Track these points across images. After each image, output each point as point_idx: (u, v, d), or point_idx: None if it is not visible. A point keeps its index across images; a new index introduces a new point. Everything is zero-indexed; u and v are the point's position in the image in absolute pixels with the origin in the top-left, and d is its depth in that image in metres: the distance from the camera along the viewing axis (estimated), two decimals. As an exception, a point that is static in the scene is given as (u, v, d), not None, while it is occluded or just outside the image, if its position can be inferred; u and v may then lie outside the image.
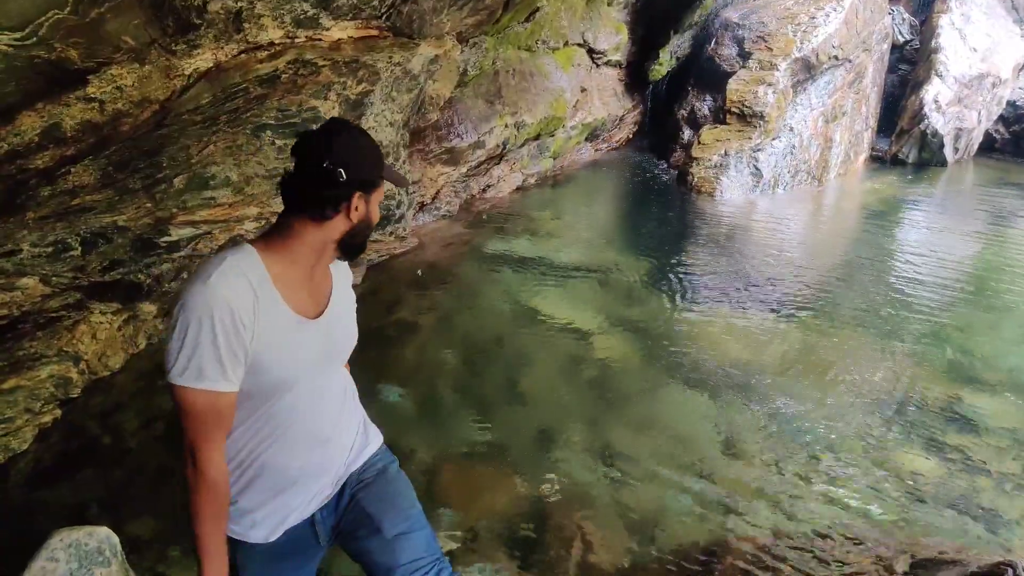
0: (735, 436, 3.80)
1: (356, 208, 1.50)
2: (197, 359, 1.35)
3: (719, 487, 3.42)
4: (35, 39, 2.65)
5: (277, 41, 3.48)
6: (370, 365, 4.20)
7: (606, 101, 8.71)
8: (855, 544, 3.02)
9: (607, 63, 8.71)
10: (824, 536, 3.08)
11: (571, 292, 5.48)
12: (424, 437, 3.65)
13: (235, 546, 1.62)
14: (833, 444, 3.75)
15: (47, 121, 2.94)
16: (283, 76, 3.40)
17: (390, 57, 3.87)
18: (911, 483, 3.47)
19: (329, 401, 1.64)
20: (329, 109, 3.60)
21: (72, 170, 3.10)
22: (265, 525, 1.61)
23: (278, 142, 3.42)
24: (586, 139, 8.77)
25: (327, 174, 1.43)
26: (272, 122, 3.38)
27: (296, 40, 3.57)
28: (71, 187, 3.10)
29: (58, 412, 3.47)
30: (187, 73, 3.23)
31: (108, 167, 3.14)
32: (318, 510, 1.67)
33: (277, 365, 1.46)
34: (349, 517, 1.71)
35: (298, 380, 1.52)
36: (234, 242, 3.60)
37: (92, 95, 2.98)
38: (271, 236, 1.51)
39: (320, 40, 3.63)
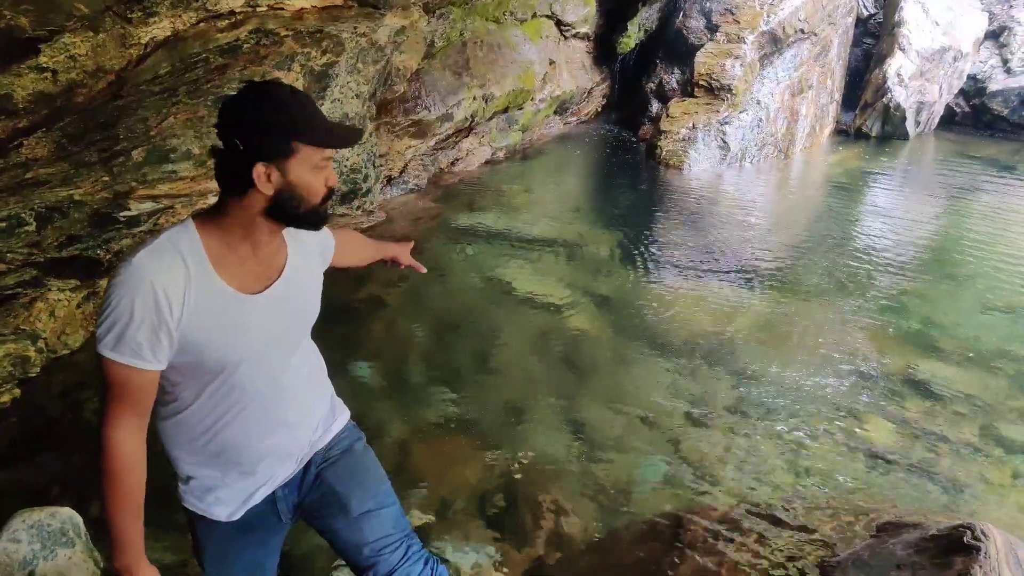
0: (702, 406, 3.86)
1: (267, 178, 1.37)
2: (116, 331, 1.33)
3: (686, 456, 3.48)
4: (-18, 5, 2.55)
5: (238, 10, 3.38)
6: (338, 341, 4.16)
7: (575, 74, 8.66)
8: (818, 510, 3.10)
9: (575, 35, 8.64)
10: (788, 502, 3.15)
11: (540, 266, 5.48)
12: (394, 412, 3.64)
13: (196, 521, 1.61)
14: (797, 412, 3.83)
15: (-3, 91, 2.83)
16: (245, 46, 3.31)
17: (355, 28, 3.78)
18: (872, 449, 3.56)
19: (290, 381, 1.58)
20: (293, 80, 3.51)
21: (25, 142, 2.99)
22: (228, 503, 1.59)
23: (241, 114, 3.33)
24: (555, 112, 8.72)
25: (225, 146, 1.38)
26: (234, 93, 3.28)
27: (258, 9, 3.47)
28: (24, 160, 2.99)
29: (17, 392, 3.38)
30: (143, 42, 3.12)
31: (63, 139, 3.04)
32: (280, 487, 1.64)
33: (215, 343, 1.42)
34: (315, 495, 1.68)
35: (244, 358, 1.46)
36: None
37: (44, 64, 2.87)
38: (210, 211, 1.46)
39: (282, 9, 3.53)
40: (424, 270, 2.21)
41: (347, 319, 4.41)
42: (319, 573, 2.71)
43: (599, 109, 9.66)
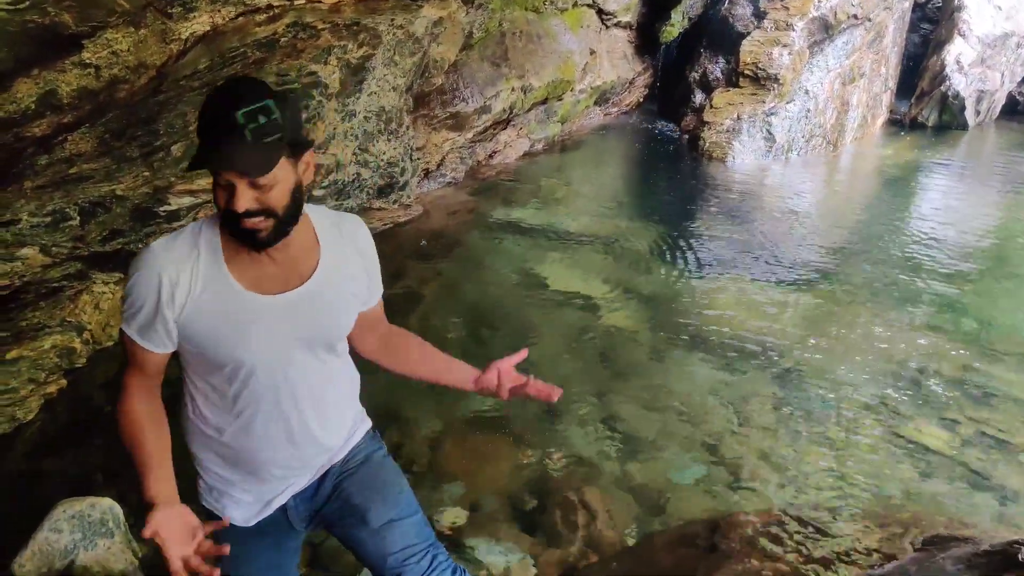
0: (744, 408, 3.76)
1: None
2: (127, 309, 1.41)
3: (726, 460, 3.39)
4: (27, 3, 2.58)
5: (276, 3, 3.38)
6: (375, 335, 4.16)
7: (616, 64, 8.52)
8: (863, 519, 2.99)
9: (617, 24, 8.49)
10: (833, 511, 3.04)
11: (579, 260, 5.41)
12: (427, 408, 3.62)
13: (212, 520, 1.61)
14: (844, 417, 3.70)
15: (43, 88, 2.87)
16: (282, 40, 3.31)
17: (392, 20, 3.76)
18: (923, 457, 3.42)
19: (308, 393, 1.53)
20: (329, 73, 3.51)
21: (69, 138, 3.04)
22: (243, 507, 1.58)
23: (277, 109, 3.34)
24: (595, 103, 8.60)
25: None
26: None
27: (296, 2, 3.47)
28: (68, 155, 3.04)
29: (63, 382, 3.45)
30: (183, 37, 3.14)
31: (105, 135, 3.08)
32: (290, 498, 1.62)
33: (219, 337, 1.41)
34: (333, 506, 1.65)
35: (251, 359, 1.43)
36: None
37: (88, 60, 2.91)
38: None
39: (320, 2, 3.52)
40: (557, 396, 1.72)
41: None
42: (347, 568, 2.70)
43: (641, 99, 9.50)
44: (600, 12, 8.15)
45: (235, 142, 1.25)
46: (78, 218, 3.12)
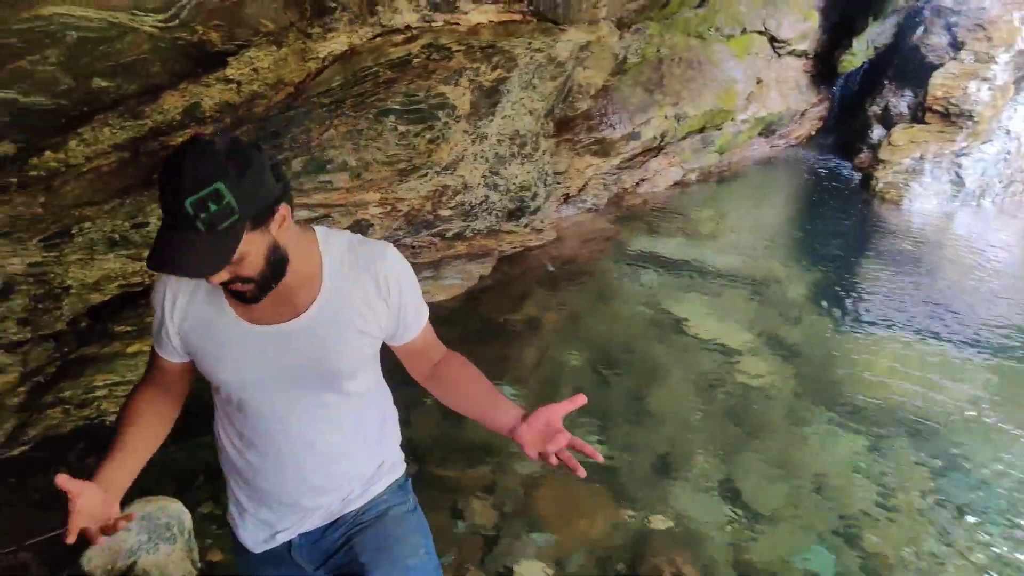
0: (891, 491, 3.25)
1: None
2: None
3: (861, 549, 2.93)
4: (177, 21, 2.72)
5: (413, 25, 3.39)
6: (488, 361, 4.05)
7: (785, 94, 7.97)
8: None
9: (791, 53, 7.95)
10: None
11: (721, 302, 5.02)
12: (530, 446, 3.44)
13: (232, 533, 1.60)
14: (1011, 518, 3.09)
15: (188, 101, 3.03)
16: (415, 60, 3.30)
17: (529, 43, 3.66)
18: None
19: (308, 431, 1.43)
20: (459, 95, 3.46)
21: (205, 149, 3.19)
22: (253, 532, 1.54)
23: (400, 128, 3.33)
24: (759, 134, 8.09)
25: None
26: (397, 107, 3.29)
27: (433, 24, 3.46)
28: (203, 165, 3.19)
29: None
30: (321, 56, 3.21)
31: (237, 147, 3.21)
32: (296, 535, 1.54)
33: (208, 357, 1.40)
34: (341, 559, 1.54)
35: (240, 384, 1.39)
36: (358, 227, 3.58)
37: (230, 76, 3.03)
38: None
39: (458, 24, 3.49)
40: (581, 473, 1.40)
41: (500, 339, 4.29)
42: None
43: (812, 132, 8.84)
44: (772, 40, 7.67)
45: (188, 240, 1.16)
46: (207, 224, 3.26)
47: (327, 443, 1.47)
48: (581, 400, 1.39)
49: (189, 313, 1.39)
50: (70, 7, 2.34)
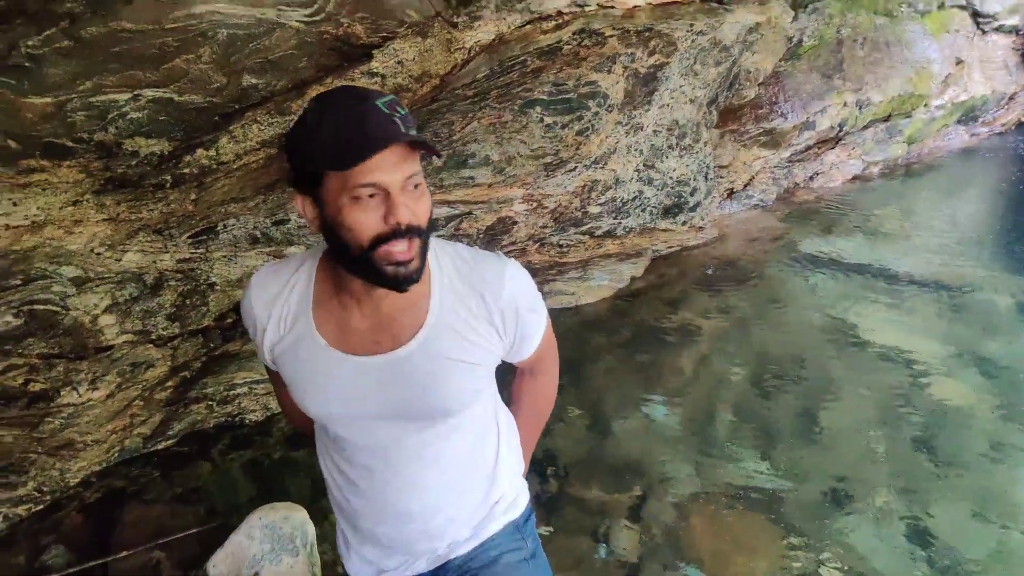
0: None
1: (304, 211, 1.10)
2: None
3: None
4: (323, 15, 2.71)
5: (564, 10, 3.20)
6: (637, 371, 3.78)
7: (990, 75, 6.99)
8: None
9: (997, 28, 6.98)
10: None
11: (907, 311, 4.42)
12: (684, 467, 3.13)
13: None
14: None
15: (334, 95, 3.04)
16: (565, 48, 3.11)
17: (691, 25, 3.34)
18: None
19: (411, 468, 1.26)
20: (612, 83, 3.22)
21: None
22: (356, 566, 1.42)
23: (547, 119, 3.14)
24: (958, 121, 7.16)
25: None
26: (544, 97, 3.11)
27: (586, 8, 3.25)
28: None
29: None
30: (468, 47, 3.10)
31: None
32: None
33: (296, 383, 1.24)
34: None
35: (335, 422, 1.24)
36: (502, 224, 3.44)
37: (375, 70, 2.99)
38: None
39: (612, 8, 3.26)
40: None
41: (652, 347, 3.99)
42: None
43: (1022, 119, 7.72)
44: (975, 15, 6.76)
45: (385, 124, 1.01)
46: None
47: (433, 484, 1.30)
48: None
49: (279, 341, 1.24)
50: (221, 5, 2.36)
